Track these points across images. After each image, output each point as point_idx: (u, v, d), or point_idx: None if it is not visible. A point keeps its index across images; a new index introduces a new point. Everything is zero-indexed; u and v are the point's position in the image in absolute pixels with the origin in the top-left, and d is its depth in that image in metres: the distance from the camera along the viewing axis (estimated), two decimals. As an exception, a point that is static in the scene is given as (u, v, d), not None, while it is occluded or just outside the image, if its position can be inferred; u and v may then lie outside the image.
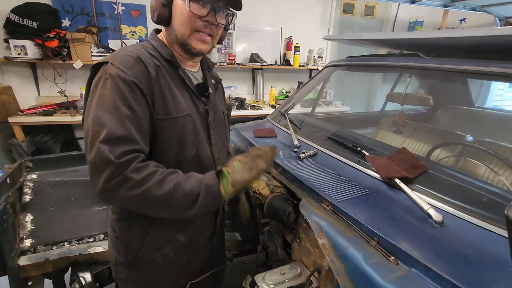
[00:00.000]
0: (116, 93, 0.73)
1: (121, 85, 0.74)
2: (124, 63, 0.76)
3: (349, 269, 0.72)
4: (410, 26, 4.74)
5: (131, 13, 3.30)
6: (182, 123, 0.86)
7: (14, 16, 2.71)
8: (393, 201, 0.89)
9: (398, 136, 1.84)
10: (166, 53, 0.86)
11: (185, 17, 0.81)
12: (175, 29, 0.85)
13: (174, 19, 0.84)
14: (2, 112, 2.66)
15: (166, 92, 0.83)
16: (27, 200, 1.34)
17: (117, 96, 0.73)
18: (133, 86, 0.75)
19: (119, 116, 0.72)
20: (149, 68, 0.79)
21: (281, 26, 4.02)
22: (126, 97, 0.74)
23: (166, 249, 0.96)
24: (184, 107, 0.87)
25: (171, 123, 0.84)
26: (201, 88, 0.95)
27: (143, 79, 0.78)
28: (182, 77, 0.89)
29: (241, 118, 3.30)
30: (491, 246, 0.68)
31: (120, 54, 0.79)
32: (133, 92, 0.75)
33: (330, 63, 1.94)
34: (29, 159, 1.42)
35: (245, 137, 1.57)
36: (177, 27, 0.84)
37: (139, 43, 0.90)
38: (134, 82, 0.75)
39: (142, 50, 0.83)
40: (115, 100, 0.73)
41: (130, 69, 0.76)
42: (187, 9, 0.80)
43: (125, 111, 0.73)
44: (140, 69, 0.78)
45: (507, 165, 1.19)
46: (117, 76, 0.74)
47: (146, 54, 0.83)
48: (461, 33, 1.03)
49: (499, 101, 4.72)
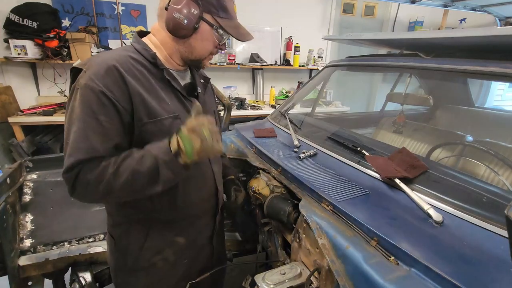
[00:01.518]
0: (83, 104, 0.74)
1: (89, 96, 0.74)
2: (96, 72, 0.75)
3: (349, 269, 0.72)
4: (410, 26, 4.74)
5: (131, 13, 3.30)
6: (169, 125, 0.84)
7: (14, 16, 2.71)
8: (393, 201, 0.89)
9: (398, 136, 1.84)
10: (149, 56, 0.84)
11: (210, 43, 0.87)
12: (193, 47, 0.86)
13: (194, 40, 0.85)
14: (2, 112, 2.66)
15: (150, 96, 0.81)
16: (27, 200, 1.34)
17: (84, 107, 0.74)
18: (101, 96, 0.74)
19: (84, 129, 0.74)
20: (125, 75, 0.77)
21: (281, 26, 4.02)
22: (93, 108, 0.74)
23: (166, 253, 0.95)
24: (171, 108, 0.85)
25: (157, 125, 0.82)
26: (189, 88, 0.94)
27: (115, 88, 0.76)
28: (167, 79, 0.86)
29: (241, 118, 3.30)
30: (491, 246, 0.68)
31: (96, 61, 0.77)
32: (99, 102, 0.74)
33: (330, 63, 1.94)
34: (29, 159, 1.42)
35: (245, 137, 1.57)
36: (196, 48, 0.86)
37: (122, 47, 0.89)
38: (102, 92, 0.74)
39: (122, 55, 0.81)
40: (81, 112, 0.74)
41: (102, 78, 0.74)
42: (214, 39, 0.86)
43: (90, 123, 0.74)
44: (113, 77, 0.76)
45: (507, 165, 1.19)
46: (86, 86, 0.74)
47: (127, 58, 0.80)
48: (461, 33, 1.03)
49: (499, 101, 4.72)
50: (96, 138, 0.74)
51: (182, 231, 0.96)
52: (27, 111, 2.77)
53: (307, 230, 0.90)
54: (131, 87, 0.78)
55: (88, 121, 0.74)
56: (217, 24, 0.84)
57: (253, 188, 1.23)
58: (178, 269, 0.99)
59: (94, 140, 0.74)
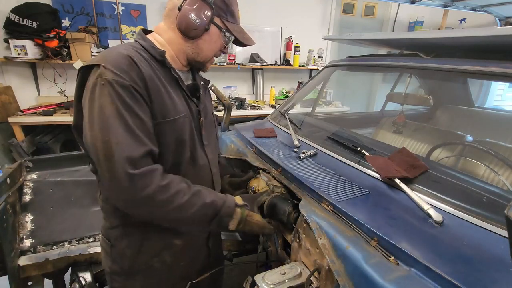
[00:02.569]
0: (118, 101, 0.70)
1: (120, 92, 0.71)
2: (118, 66, 0.72)
3: (349, 269, 0.72)
4: (410, 26, 4.74)
5: (131, 13, 3.31)
6: (180, 125, 0.85)
7: (14, 16, 2.71)
8: (393, 201, 0.89)
9: (398, 136, 1.84)
10: (157, 54, 0.82)
11: (217, 46, 0.90)
12: (201, 48, 0.88)
13: (203, 41, 0.87)
14: (2, 112, 2.66)
15: (163, 94, 0.81)
16: (27, 200, 1.34)
17: (120, 104, 0.71)
18: (132, 90, 0.73)
19: (128, 128, 0.71)
20: (142, 70, 0.76)
21: (281, 26, 4.02)
22: (129, 104, 0.72)
23: (164, 255, 0.94)
24: (181, 108, 0.85)
25: (170, 125, 0.82)
26: (192, 88, 0.94)
27: (140, 82, 0.75)
28: (176, 78, 0.87)
29: (241, 118, 3.30)
30: (491, 246, 0.68)
31: (111, 55, 0.74)
32: (134, 97, 0.73)
33: (330, 63, 1.94)
34: (29, 159, 1.42)
35: (245, 137, 1.57)
36: (203, 49, 0.89)
37: (127, 43, 0.86)
38: (132, 86, 0.72)
39: (132, 50, 0.79)
40: (118, 109, 0.70)
41: (126, 72, 0.72)
42: (221, 42, 0.90)
43: (132, 121, 0.72)
44: (135, 71, 0.74)
45: (507, 165, 1.19)
46: (115, 81, 0.70)
47: (137, 54, 0.79)
48: (461, 33, 1.03)
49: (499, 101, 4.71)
50: (142, 133, 0.74)
51: (178, 233, 0.95)
52: (27, 111, 2.77)
53: (307, 230, 0.90)
54: (150, 83, 0.77)
55: (129, 117, 0.72)
56: (225, 28, 0.88)
57: (253, 188, 1.23)
58: (175, 271, 0.98)
59: (141, 135, 0.74)
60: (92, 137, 0.71)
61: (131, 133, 0.72)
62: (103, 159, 0.70)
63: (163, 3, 3.39)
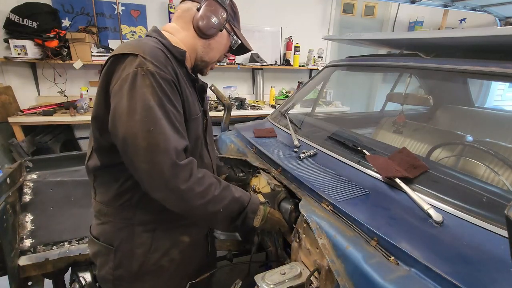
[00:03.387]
0: (160, 92, 0.71)
1: (163, 84, 0.72)
2: (157, 59, 0.73)
3: (349, 269, 0.72)
4: (410, 26, 4.74)
5: (131, 13, 3.30)
6: (197, 124, 0.89)
7: (14, 16, 2.71)
8: (393, 201, 0.89)
9: (398, 136, 1.84)
10: (178, 53, 0.83)
11: (224, 47, 0.97)
12: (211, 48, 0.93)
13: (214, 41, 0.92)
14: (2, 112, 2.66)
15: (187, 93, 0.84)
16: (27, 200, 1.34)
17: (163, 96, 0.71)
18: (173, 85, 0.75)
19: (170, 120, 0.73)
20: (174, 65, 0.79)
21: (281, 26, 4.02)
22: (170, 97, 0.74)
23: (173, 253, 0.93)
24: (196, 108, 0.89)
25: (192, 123, 0.86)
26: (200, 89, 0.96)
27: (176, 78, 0.77)
28: (192, 78, 0.90)
29: (241, 118, 3.30)
30: (491, 246, 0.68)
31: (147, 47, 0.74)
32: (174, 91, 0.75)
33: (330, 63, 1.94)
34: (29, 159, 1.42)
35: (245, 137, 1.57)
36: (213, 49, 0.93)
37: (145, 38, 0.85)
38: (173, 81, 0.75)
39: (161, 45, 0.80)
40: (161, 101, 0.71)
41: (165, 66, 0.74)
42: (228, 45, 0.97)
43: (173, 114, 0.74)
44: (170, 66, 0.76)
45: (507, 165, 1.19)
46: (157, 74, 0.71)
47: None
48: (461, 33, 1.03)
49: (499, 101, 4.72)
50: (180, 127, 0.76)
51: (187, 230, 0.96)
52: (27, 111, 2.77)
53: (307, 230, 0.90)
54: (180, 80, 0.80)
55: (170, 110, 0.73)
56: (233, 32, 0.96)
57: (254, 187, 1.23)
58: (181, 269, 0.99)
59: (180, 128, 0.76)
60: (130, 126, 0.69)
61: (173, 126, 0.74)
62: (144, 149, 0.69)
63: (163, 3, 3.39)
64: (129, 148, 0.71)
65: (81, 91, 3.09)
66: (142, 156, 0.70)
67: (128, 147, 0.71)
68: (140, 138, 0.69)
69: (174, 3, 3.36)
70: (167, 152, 0.70)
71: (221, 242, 1.38)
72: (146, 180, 0.73)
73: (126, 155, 0.74)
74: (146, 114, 0.69)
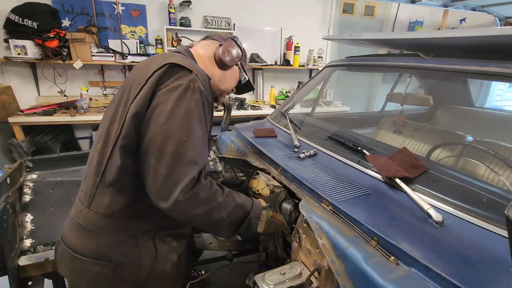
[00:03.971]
0: (203, 110, 0.80)
1: (205, 104, 0.81)
2: (205, 81, 0.83)
3: (349, 269, 0.72)
4: (410, 26, 4.75)
5: (131, 13, 3.31)
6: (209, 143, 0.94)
7: (14, 16, 2.72)
8: (393, 201, 0.89)
9: (398, 136, 1.84)
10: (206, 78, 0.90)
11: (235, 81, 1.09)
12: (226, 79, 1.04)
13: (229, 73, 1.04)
14: (2, 112, 2.67)
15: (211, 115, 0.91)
16: (27, 200, 1.34)
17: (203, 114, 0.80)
18: (211, 107, 0.86)
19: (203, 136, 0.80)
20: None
21: (281, 26, 4.02)
22: (207, 117, 0.83)
23: (172, 257, 0.95)
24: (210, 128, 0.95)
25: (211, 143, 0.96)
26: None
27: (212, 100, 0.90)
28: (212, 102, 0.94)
29: (241, 118, 3.30)
30: (491, 246, 0.68)
31: (199, 69, 0.85)
32: (209, 113, 0.85)
33: (330, 63, 1.94)
34: (29, 159, 1.42)
35: (245, 137, 1.57)
36: (228, 80, 1.05)
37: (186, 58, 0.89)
38: (212, 103, 0.86)
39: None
40: (201, 117, 0.79)
41: (208, 90, 0.83)
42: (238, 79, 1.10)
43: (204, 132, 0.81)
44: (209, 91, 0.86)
45: (507, 165, 1.19)
46: (203, 93, 0.80)
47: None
48: (461, 33, 1.03)
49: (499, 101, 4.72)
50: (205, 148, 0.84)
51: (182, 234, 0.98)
52: (27, 111, 2.77)
53: (307, 230, 0.90)
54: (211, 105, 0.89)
55: (203, 129, 0.80)
56: (243, 70, 1.10)
57: (253, 189, 1.23)
58: (181, 270, 1.00)
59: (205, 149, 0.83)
60: (165, 128, 0.73)
61: (203, 142, 0.80)
62: (169, 154, 0.72)
63: (163, 3, 3.40)
64: (154, 148, 0.74)
65: (81, 91, 3.09)
66: (165, 160, 0.72)
67: (153, 147, 0.74)
68: (170, 143, 0.73)
69: (174, 3, 3.36)
70: (191, 164, 0.74)
71: (221, 242, 1.37)
72: (160, 183, 0.73)
73: (147, 154, 0.75)
74: (185, 124, 0.75)
